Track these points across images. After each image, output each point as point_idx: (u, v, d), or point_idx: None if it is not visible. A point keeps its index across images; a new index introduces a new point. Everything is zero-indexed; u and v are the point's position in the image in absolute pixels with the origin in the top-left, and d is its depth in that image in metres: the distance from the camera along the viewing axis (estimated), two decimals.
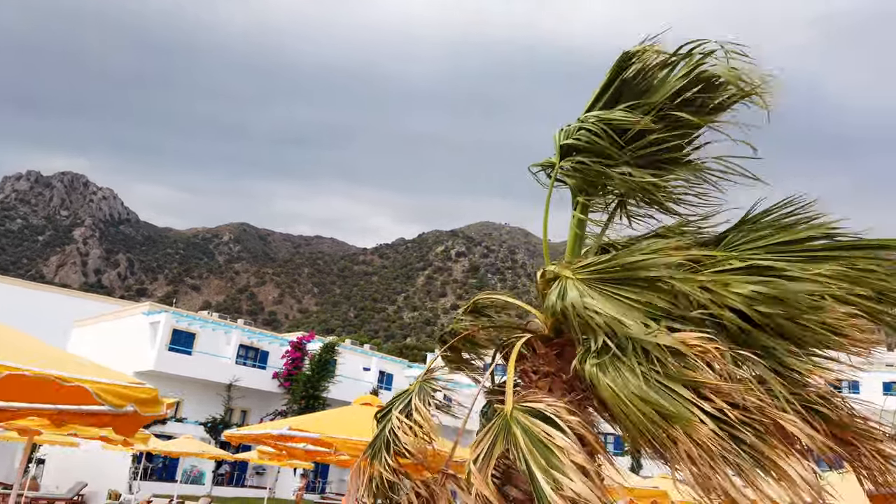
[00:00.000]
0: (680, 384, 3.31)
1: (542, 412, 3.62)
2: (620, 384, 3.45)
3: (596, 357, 3.67)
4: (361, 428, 8.48)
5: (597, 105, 4.42)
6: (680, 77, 4.16)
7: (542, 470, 3.26)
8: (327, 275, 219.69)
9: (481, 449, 3.63)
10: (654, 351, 3.49)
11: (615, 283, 3.81)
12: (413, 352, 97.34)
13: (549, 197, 4.60)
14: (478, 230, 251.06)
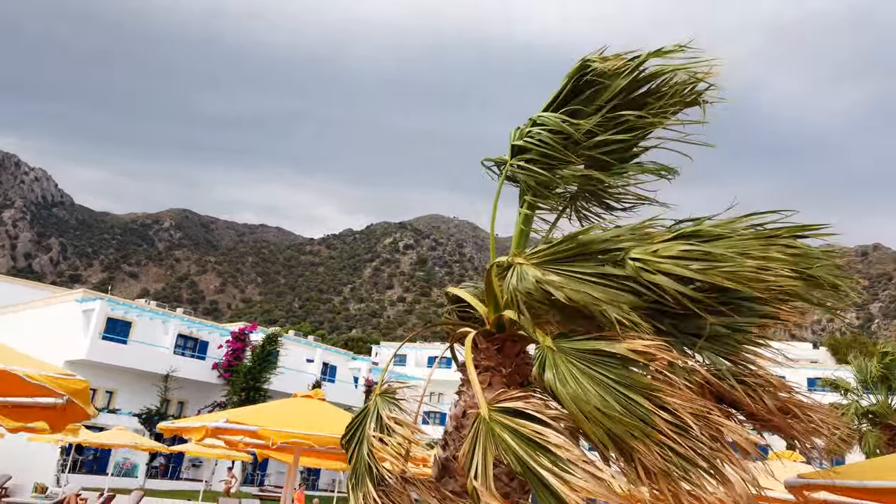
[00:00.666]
0: (640, 395, 3.37)
1: (522, 411, 3.63)
2: (581, 396, 3.49)
3: (554, 367, 3.71)
4: (302, 421, 8.38)
5: (552, 107, 4.51)
6: (627, 76, 4.27)
7: (545, 468, 3.28)
8: (272, 264, 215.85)
9: (476, 461, 3.56)
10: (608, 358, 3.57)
11: (569, 261, 3.87)
12: (358, 344, 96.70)
13: (498, 193, 4.66)
14: (427, 223, 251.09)
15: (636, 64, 4.22)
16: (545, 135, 4.36)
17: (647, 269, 3.61)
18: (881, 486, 4.84)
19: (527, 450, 3.38)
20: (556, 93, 4.52)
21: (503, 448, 3.49)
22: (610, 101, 4.32)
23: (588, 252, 3.84)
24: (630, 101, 4.35)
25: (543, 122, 4.44)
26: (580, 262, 3.83)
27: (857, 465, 6.14)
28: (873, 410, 18.65)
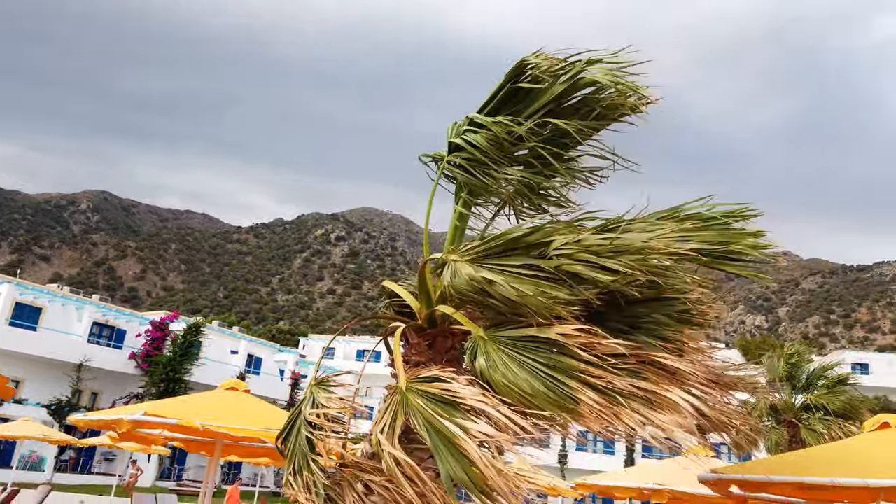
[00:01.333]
0: (563, 374, 3.56)
1: (437, 377, 3.78)
2: (511, 380, 3.65)
3: (485, 354, 3.82)
4: (225, 413, 8.15)
5: (489, 106, 4.54)
6: (564, 82, 4.34)
7: (451, 420, 3.42)
8: (196, 252, 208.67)
9: (384, 421, 3.74)
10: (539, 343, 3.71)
11: (500, 256, 3.96)
12: (286, 336, 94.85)
13: (434, 189, 4.67)
14: (359, 215, 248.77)
15: (574, 71, 4.29)
16: (483, 135, 4.40)
17: (568, 259, 3.74)
18: (785, 480, 5.14)
19: (435, 409, 3.52)
20: (493, 92, 4.55)
21: (414, 411, 3.61)
22: (547, 104, 4.38)
23: (518, 247, 3.93)
24: (567, 107, 4.44)
25: (482, 122, 4.46)
26: (511, 257, 3.91)
27: (764, 460, 6.50)
28: (779, 408, 19.79)
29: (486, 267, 3.93)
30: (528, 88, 4.39)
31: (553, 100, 4.37)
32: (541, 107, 4.39)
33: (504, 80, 4.50)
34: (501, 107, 4.53)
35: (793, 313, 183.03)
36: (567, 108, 4.44)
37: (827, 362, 20.66)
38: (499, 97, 4.50)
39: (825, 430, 17.52)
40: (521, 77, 4.41)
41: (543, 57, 4.35)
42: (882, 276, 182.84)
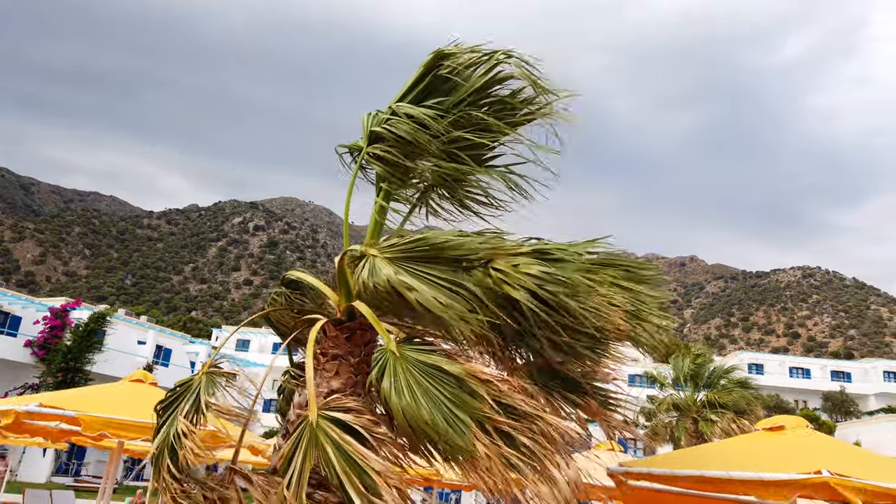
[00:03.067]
0: (466, 414, 3.49)
1: (350, 425, 3.58)
2: (414, 410, 3.54)
3: (393, 374, 3.72)
4: (128, 406, 7.75)
5: (408, 97, 4.46)
6: (482, 75, 4.32)
7: (360, 494, 3.27)
8: (103, 236, 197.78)
9: (293, 468, 3.48)
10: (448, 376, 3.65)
11: (423, 261, 3.87)
12: (198, 326, 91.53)
13: (353, 180, 4.56)
14: (280, 205, 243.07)
15: (492, 64, 4.28)
16: (404, 126, 4.31)
17: (509, 283, 3.72)
18: (687, 474, 5.39)
19: (347, 471, 3.37)
20: (410, 83, 4.47)
21: (324, 460, 3.45)
22: (466, 97, 4.36)
23: (441, 256, 3.85)
24: (486, 102, 4.43)
25: (402, 112, 4.37)
26: (434, 265, 3.83)
27: (668, 454, 6.79)
28: (682, 404, 20.82)
29: (407, 270, 3.82)
30: (447, 80, 4.35)
31: (472, 94, 4.34)
32: (460, 100, 4.36)
33: (422, 71, 4.43)
34: (421, 99, 4.47)
35: (697, 315, 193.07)
36: (486, 103, 4.43)
37: (726, 363, 21.94)
38: (418, 89, 4.44)
39: (723, 425, 18.60)
40: (440, 68, 4.37)
41: (460, 49, 4.31)
42: (778, 283, 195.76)
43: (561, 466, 3.44)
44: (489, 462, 3.35)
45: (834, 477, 4.46)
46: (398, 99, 4.50)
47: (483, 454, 3.36)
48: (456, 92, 4.37)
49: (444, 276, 3.77)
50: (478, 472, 3.38)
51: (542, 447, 3.47)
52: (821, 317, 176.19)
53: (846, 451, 6.16)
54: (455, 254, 3.85)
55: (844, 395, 60.39)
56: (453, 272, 3.80)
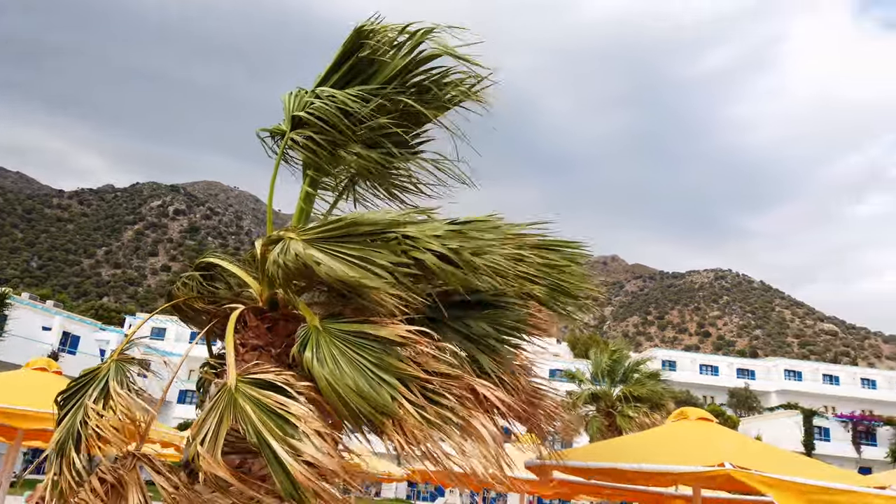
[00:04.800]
0: (391, 375, 3.48)
1: (271, 382, 3.50)
2: (337, 376, 3.49)
3: (315, 346, 3.65)
4: (28, 395, 7.30)
5: (330, 80, 4.32)
6: (404, 56, 4.22)
7: (279, 439, 3.19)
8: (7, 215, 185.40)
9: (207, 427, 3.39)
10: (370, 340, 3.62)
11: (338, 240, 3.81)
12: (111, 314, 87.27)
13: (276, 166, 4.40)
14: (203, 189, 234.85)
15: (414, 43, 4.19)
16: (326, 110, 4.17)
17: (417, 248, 3.67)
18: (601, 466, 5.56)
19: (266, 421, 3.29)
20: (332, 64, 4.33)
21: (242, 418, 3.36)
22: (391, 80, 4.25)
23: (357, 233, 3.81)
24: (413, 84, 4.33)
25: (325, 95, 4.21)
26: (348, 243, 3.79)
27: (583, 447, 6.99)
28: (599, 396, 21.54)
29: (320, 248, 3.76)
30: (371, 61, 4.23)
31: (397, 76, 4.25)
32: (385, 83, 4.25)
33: (343, 51, 4.30)
34: (346, 81, 4.33)
35: (616, 313, 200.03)
36: (412, 84, 4.34)
37: (641, 358, 22.88)
38: (342, 70, 4.31)
39: (638, 419, 19.40)
40: (362, 48, 4.24)
41: (382, 27, 4.19)
42: (692, 284, 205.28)
43: (486, 425, 3.45)
44: (415, 421, 3.33)
45: (735, 469, 4.70)
46: (321, 81, 4.35)
47: (408, 413, 3.35)
48: (380, 74, 4.25)
49: (355, 251, 3.73)
50: (405, 434, 3.36)
51: (466, 407, 3.49)
52: (730, 317, 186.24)
53: (748, 445, 6.51)
54: (366, 229, 3.81)
55: (748, 391, 64.06)
56: (364, 247, 3.76)
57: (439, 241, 3.69)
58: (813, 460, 6.22)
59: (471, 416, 3.47)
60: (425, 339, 3.59)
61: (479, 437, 3.43)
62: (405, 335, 3.58)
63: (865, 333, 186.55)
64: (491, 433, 3.43)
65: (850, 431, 50.32)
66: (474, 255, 3.69)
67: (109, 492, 3.57)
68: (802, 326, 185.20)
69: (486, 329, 4.13)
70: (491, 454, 3.41)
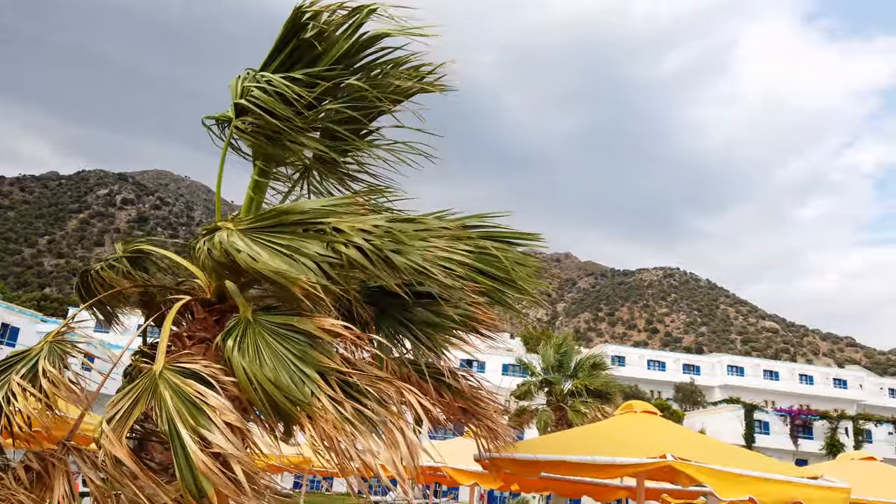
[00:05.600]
0: (312, 368, 3.42)
1: (197, 372, 3.43)
2: (256, 367, 3.42)
3: (241, 335, 3.58)
4: None
5: (272, 63, 4.15)
6: (348, 37, 4.05)
7: (190, 428, 3.10)
8: None
9: (119, 408, 3.29)
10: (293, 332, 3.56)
11: (270, 230, 3.75)
12: (53, 305, 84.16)
13: (223, 155, 4.28)
14: (153, 178, 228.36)
15: (357, 22, 4.03)
16: (265, 98, 3.99)
17: (343, 242, 3.59)
18: (548, 458, 5.65)
19: (181, 408, 3.21)
20: (274, 46, 4.16)
21: (158, 404, 3.27)
22: (337, 63, 4.11)
23: (287, 222, 3.74)
24: (359, 68, 4.22)
25: (264, 81, 4.03)
26: (279, 233, 3.72)
27: (532, 440, 7.08)
28: (548, 386, 21.86)
29: (251, 238, 3.68)
30: (315, 43, 4.06)
31: (343, 57, 4.10)
32: (332, 64, 4.10)
33: (284, 31, 4.13)
34: (291, 65, 4.16)
35: (569, 309, 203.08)
36: (361, 68, 4.23)
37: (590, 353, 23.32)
38: (284, 53, 4.14)
39: (587, 412, 19.77)
40: (305, 29, 4.07)
41: (323, 6, 4.01)
42: (642, 281, 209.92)
43: (405, 433, 3.39)
44: (329, 416, 3.26)
45: (677, 461, 4.85)
46: (262, 65, 4.17)
47: (324, 409, 3.27)
48: (326, 56, 4.09)
49: (284, 241, 3.65)
50: (318, 429, 3.29)
51: (388, 409, 3.45)
52: (677, 314, 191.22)
53: (691, 438, 6.71)
54: (295, 218, 3.74)
55: (693, 386, 65.97)
56: (294, 237, 3.68)
57: (364, 235, 3.59)
58: (752, 452, 6.46)
59: (391, 421, 3.41)
60: (352, 333, 3.53)
61: (393, 443, 3.36)
62: (328, 328, 3.53)
63: (804, 331, 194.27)
64: (407, 441, 3.36)
65: (788, 425, 52.35)
66: (395, 254, 3.58)
67: (35, 481, 3.45)
68: (745, 324, 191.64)
69: (431, 321, 4.12)
70: (399, 461, 3.33)
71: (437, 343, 4.22)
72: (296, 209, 3.79)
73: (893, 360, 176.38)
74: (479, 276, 3.89)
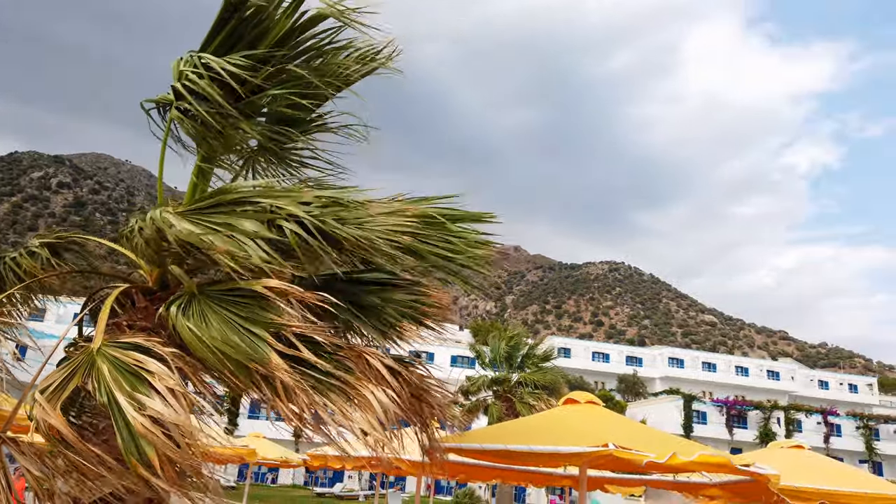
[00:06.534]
0: (261, 327, 3.36)
1: (138, 344, 3.35)
2: (203, 329, 3.37)
3: (185, 304, 3.52)
4: None
5: (213, 43, 4.00)
6: (287, 17, 3.94)
7: (127, 395, 3.03)
8: None
9: (53, 380, 3.21)
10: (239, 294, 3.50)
11: (209, 210, 3.69)
12: None
13: (165, 140, 4.13)
14: (91, 162, 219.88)
15: (296, 1, 3.94)
16: (201, 82, 3.84)
17: (282, 217, 3.51)
18: (493, 448, 5.74)
19: (118, 378, 3.12)
20: (212, 26, 4.02)
21: (96, 376, 3.17)
22: (279, 44, 3.99)
23: (224, 202, 3.69)
24: (302, 50, 4.14)
25: (202, 64, 3.88)
26: (217, 213, 3.66)
27: (478, 430, 7.17)
28: (497, 381, 22.12)
29: (189, 220, 3.60)
30: (255, 22, 3.92)
31: (285, 38, 3.99)
32: (273, 46, 3.97)
33: (223, 9, 3.99)
34: (229, 45, 4.01)
35: (517, 301, 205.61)
36: (304, 51, 4.14)
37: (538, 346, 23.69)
38: (223, 33, 3.99)
39: (535, 403, 20.12)
40: (243, 9, 3.95)
41: None
42: (588, 275, 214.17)
43: (375, 392, 3.36)
44: (287, 376, 3.20)
45: (618, 449, 4.99)
46: (202, 46, 4.01)
47: (279, 367, 3.20)
48: (267, 37, 3.96)
49: (221, 219, 3.59)
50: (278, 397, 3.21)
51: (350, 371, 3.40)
52: (621, 307, 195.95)
53: (632, 427, 6.91)
54: (233, 197, 3.67)
55: (636, 377, 67.83)
56: (231, 216, 3.61)
57: (304, 208, 3.51)
58: (689, 441, 6.69)
59: (358, 382, 3.37)
60: (300, 293, 3.45)
61: (367, 405, 3.32)
62: (275, 286, 3.46)
63: (741, 325, 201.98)
64: (380, 401, 3.32)
65: (724, 415, 54.43)
66: (338, 225, 3.49)
67: None
68: (686, 317, 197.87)
69: (381, 306, 4.10)
70: (376, 424, 3.30)
71: (388, 329, 4.21)
72: (233, 189, 3.72)
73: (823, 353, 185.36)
74: (425, 245, 3.78)
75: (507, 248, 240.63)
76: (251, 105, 4.10)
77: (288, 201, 3.55)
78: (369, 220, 3.60)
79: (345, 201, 3.66)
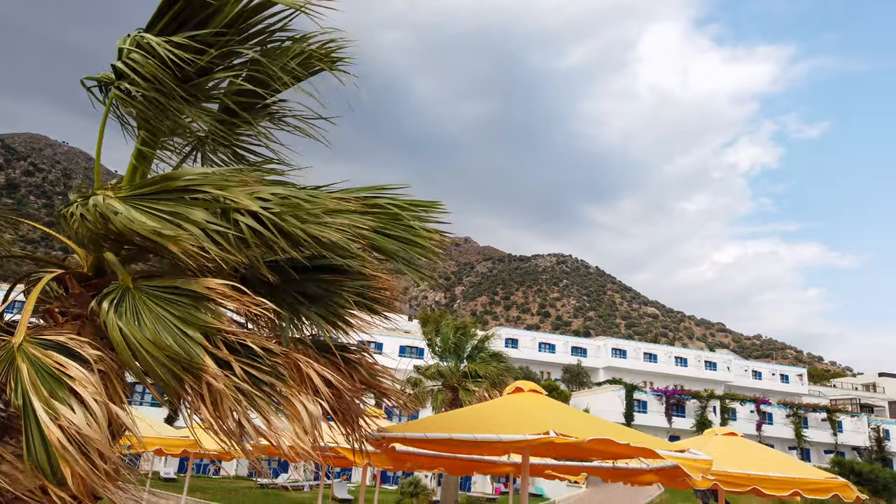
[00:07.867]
0: (196, 329, 3.29)
1: (62, 344, 3.23)
2: (134, 327, 3.28)
3: (118, 299, 3.42)
4: None
5: (160, 22, 3.86)
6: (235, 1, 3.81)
7: (43, 400, 2.90)
8: None
9: None
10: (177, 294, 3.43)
11: (153, 196, 3.59)
12: None
13: (104, 120, 3.99)
14: (26, 142, 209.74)
15: None
16: (144, 62, 3.70)
17: (238, 210, 3.45)
18: (437, 437, 5.79)
19: (36, 381, 3.00)
20: (160, 5, 3.86)
21: (12, 377, 3.06)
22: (228, 27, 3.89)
23: (170, 189, 3.59)
24: (252, 34, 4.05)
25: (144, 43, 3.74)
26: (162, 200, 3.56)
27: (424, 419, 7.21)
28: (445, 371, 22.27)
29: (132, 205, 3.50)
30: (206, 6, 3.80)
31: (234, 21, 3.88)
32: (223, 28, 3.86)
33: None
34: (177, 24, 3.87)
35: (466, 292, 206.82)
36: (254, 35, 4.06)
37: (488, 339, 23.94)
38: (171, 12, 3.84)
39: (477, 391, 20.36)
40: None
41: None
42: (536, 267, 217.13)
43: (306, 405, 3.34)
44: (218, 382, 3.15)
45: (558, 437, 5.10)
46: (149, 25, 3.87)
47: (214, 373, 3.14)
48: (216, 19, 3.84)
49: (168, 207, 3.49)
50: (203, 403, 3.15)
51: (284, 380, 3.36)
52: (568, 299, 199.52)
53: (575, 416, 7.07)
54: (179, 185, 3.58)
55: (580, 368, 69.28)
56: (178, 204, 3.52)
57: (261, 204, 3.46)
58: (629, 429, 6.89)
59: (289, 391, 3.34)
60: (241, 296, 3.40)
61: (295, 415, 3.31)
62: (215, 287, 3.40)
63: (682, 317, 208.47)
64: (310, 412, 3.31)
65: (663, 404, 56.21)
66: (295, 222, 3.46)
67: None
68: (629, 309, 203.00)
69: (330, 295, 4.08)
70: (305, 433, 3.29)
71: (336, 317, 4.19)
72: (181, 175, 3.61)
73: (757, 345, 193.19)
74: (380, 237, 3.81)
75: (458, 239, 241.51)
76: (197, 88, 3.99)
77: (242, 194, 3.47)
78: (328, 221, 3.56)
79: (304, 198, 3.60)
